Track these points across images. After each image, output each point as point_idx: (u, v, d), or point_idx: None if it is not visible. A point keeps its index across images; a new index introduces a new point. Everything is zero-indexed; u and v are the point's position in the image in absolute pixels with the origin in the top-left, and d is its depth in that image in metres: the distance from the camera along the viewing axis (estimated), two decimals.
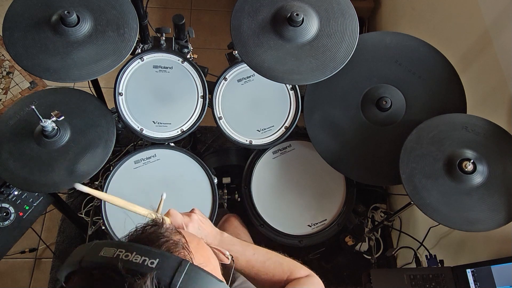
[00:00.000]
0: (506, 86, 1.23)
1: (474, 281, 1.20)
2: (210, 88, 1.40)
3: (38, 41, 1.11)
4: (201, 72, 1.39)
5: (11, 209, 1.33)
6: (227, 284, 0.55)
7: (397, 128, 1.30)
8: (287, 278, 0.81)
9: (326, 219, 1.45)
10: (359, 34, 1.17)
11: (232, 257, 0.71)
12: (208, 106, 1.40)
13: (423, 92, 1.31)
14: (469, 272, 1.22)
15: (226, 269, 1.22)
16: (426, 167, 1.13)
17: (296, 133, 1.47)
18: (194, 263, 0.47)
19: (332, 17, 1.18)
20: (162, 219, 0.52)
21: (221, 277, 0.56)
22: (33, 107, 1.06)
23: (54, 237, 1.95)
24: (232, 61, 1.45)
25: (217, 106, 1.42)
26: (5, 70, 2.35)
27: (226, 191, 1.61)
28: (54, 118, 1.14)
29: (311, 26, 1.16)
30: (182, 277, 0.45)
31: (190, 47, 1.49)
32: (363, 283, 1.35)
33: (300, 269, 0.82)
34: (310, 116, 1.37)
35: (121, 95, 1.36)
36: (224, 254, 0.64)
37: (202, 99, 1.39)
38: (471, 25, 1.43)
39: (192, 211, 0.90)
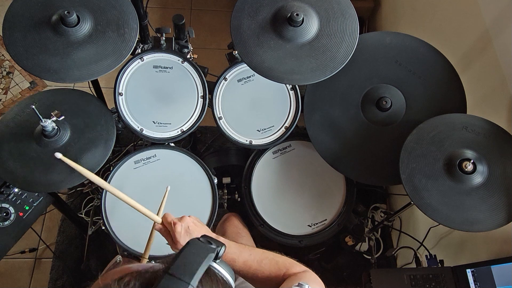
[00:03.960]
0: (506, 86, 1.23)
1: (474, 281, 1.20)
2: (210, 88, 1.40)
3: (38, 41, 1.11)
4: (201, 72, 1.39)
5: (11, 209, 1.33)
6: None
7: (397, 128, 1.30)
8: (284, 274, 0.82)
9: (326, 219, 1.45)
10: (359, 34, 1.17)
11: None
12: (208, 106, 1.40)
13: (423, 92, 1.31)
14: (469, 272, 1.22)
15: None
16: (426, 167, 1.13)
17: (296, 133, 1.47)
18: None
19: (332, 17, 1.18)
20: None
21: None
22: (33, 107, 1.06)
23: (54, 237, 1.95)
24: (232, 61, 1.45)
25: (217, 106, 1.42)
26: (5, 70, 2.35)
27: (226, 191, 1.61)
28: (54, 118, 1.14)
29: (311, 26, 1.16)
30: None
31: (190, 47, 1.49)
32: (363, 283, 1.35)
33: (295, 266, 0.84)
34: (310, 116, 1.37)
35: (121, 95, 1.36)
36: None
37: (202, 99, 1.39)
38: (471, 25, 1.43)
39: (189, 216, 0.93)
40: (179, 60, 1.39)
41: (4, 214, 1.32)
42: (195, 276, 0.46)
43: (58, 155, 1.00)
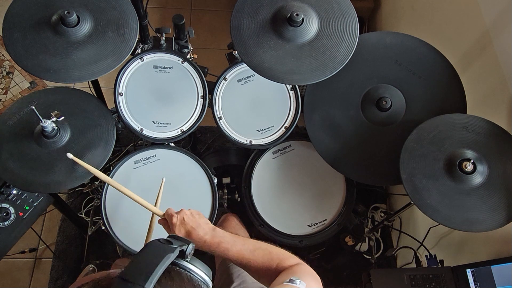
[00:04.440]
0: (506, 86, 1.23)
1: (474, 281, 1.20)
2: (210, 88, 1.40)
3: (38, 41, 1.11)
4: (201, 72, 1.39)
5: (11, 209, 1.33)
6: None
7: (397, 128, 1.30)
8: (276, 266, 0.83)
9: (326, 219, 1.45)
10: (359, 34, 1.17)
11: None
12: (208, 106, 1.40)
13: (423, 92, 1.31)
14: (469, 272, 1.22)
15: (224, 270, 1.23)
16: (426, 167, 1.13)
17: (296, 133, 1.47)
18: None
19: (332, 17, 1.18)
20: None
21: None
22: (33, 107, 1.06)
23: (54, 237, 1.95)
24: (232, 61, 1.45)
25: (217, 106, 1.42)
26: (5, 70, 2.35)
27: (226, 191, 1.61)
28: (54, 118, 1.14)
29: (311, 26, 1.16)
30: None
31: (190, 47, 1.49)
32: (363, 283, 1.35)
33: (289, 258, 0.84)
34: (310, 116, 1.37)
35: (121, 95, 1.36)
36: None
37: (202, 99, 1.39)
38: (471, 25, 1.43)
39: (189, 210, 0.96)
40: (179, 60, 1.39)
41: (4, 214, 1.32)
42: (150, 278, 0.44)
43: (69, 155, 1.09)
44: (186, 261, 0.53)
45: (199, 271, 0.53)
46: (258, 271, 0.86)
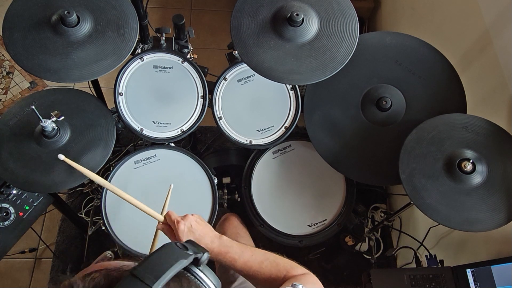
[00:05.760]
0: (506, 86, 1.23)
1: (474, 281, 1.20)
2: (210, 88, 1.40)
3: (38, 41, 1.11)
4: (201, 72, 1.39)
5: (11, 209, 1.33)
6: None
7: (397, 128, 1.30)
8: (284, 276, 0.82)
9: (326, 219, 1.45)
10: (359, 34, 1.17)
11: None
12: (208, 106, 1.40)
13: (423, 92, 1.31)
14: (469, 272, 1.22)
15: (224, 269, 1.23)
16: (426, 167, 1.13)
17: (296, 133, 1.47)
18: None
19: (332, 17, 1.18)
20: None
21: None
22: (33, 107, 1.06)
23: (54, 237, 1.95)
24: (232, 61, 1.45)
25: (217, 106, 1.42)
26: (5, 70, 2.35)
27: (226, 191, 1.61)
28: (54, 118, 1.14)
29: (311, 26, 1.16)
30: None
31: (190, 47, 1.49)
32: (363, 283, 1.35)
33: (296, 268, 0.84)
34: (310, 116, 1.37)
35: (121, 95, 1.36)
36: None
37: (202, 99, 1.39)
38: (471, 25, 1.43)
39: (192, 215, 0.92)
40: (179, 60, 1.39)
41: (4, 214, 1.32)
42: (159, 280, 0.44)
43: (61, 156, 1.01)
44: (199, 269, 0.52)
45: (209, 282, 0.52)
46: (265, 283, 0.85)
